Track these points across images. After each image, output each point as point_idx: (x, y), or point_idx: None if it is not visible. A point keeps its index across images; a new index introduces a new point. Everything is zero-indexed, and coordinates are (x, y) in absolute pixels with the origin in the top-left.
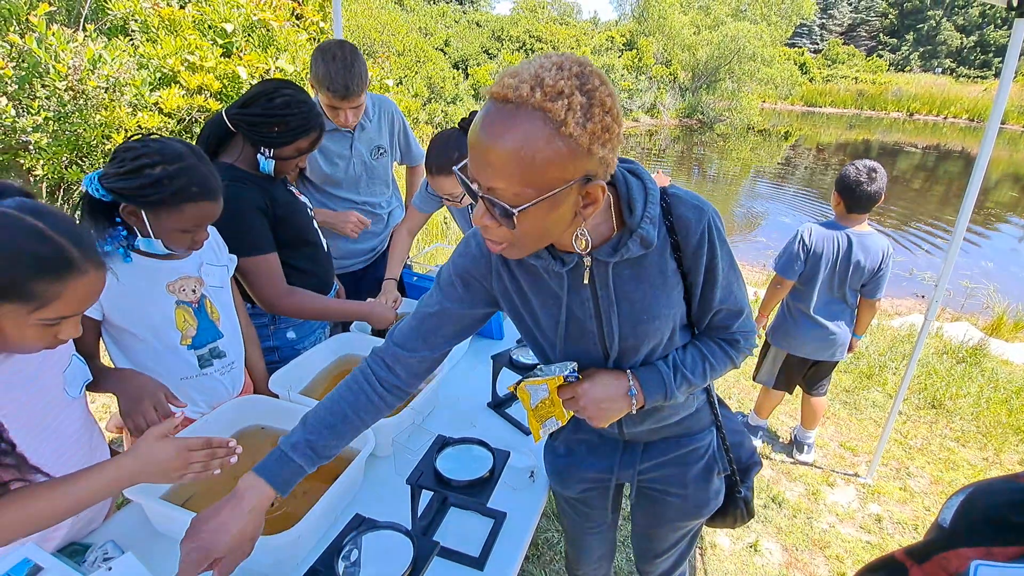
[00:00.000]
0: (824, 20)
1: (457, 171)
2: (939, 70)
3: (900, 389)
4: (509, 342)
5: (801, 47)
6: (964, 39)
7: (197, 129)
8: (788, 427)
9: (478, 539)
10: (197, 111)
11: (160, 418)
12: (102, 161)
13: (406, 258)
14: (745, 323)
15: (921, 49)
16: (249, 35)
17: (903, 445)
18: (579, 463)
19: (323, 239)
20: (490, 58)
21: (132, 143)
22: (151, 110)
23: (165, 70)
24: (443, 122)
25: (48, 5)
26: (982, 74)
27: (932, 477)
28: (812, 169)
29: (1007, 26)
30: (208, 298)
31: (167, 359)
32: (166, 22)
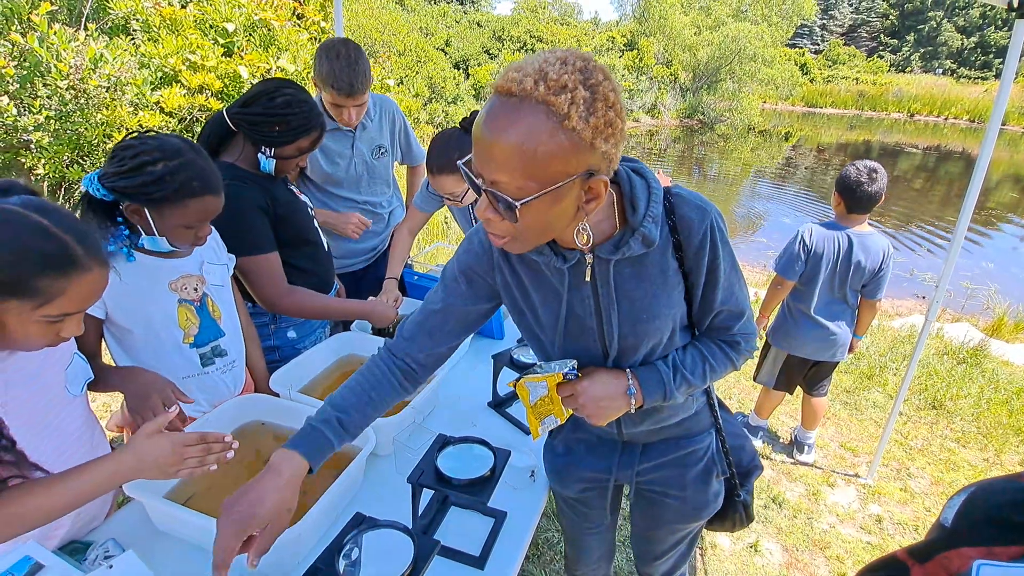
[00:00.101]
0: (825, 21)
1: (461, 165)
2: (940, 71)
3: (901, 390)
4: (509, 342)
5: (802, 48)
6: (965, 40)
7: (198, 128)
8: (788, 428)
9: (478, 538)
10: (198, 110)
11: (175, 414)
12: (103, 160)
13: (407, 257)
14: (746, 325)
15: (922, 50)
16: (250, 35)
17: (904, 446)
18: (578, 463)
19: (323, 238)
20: (491, 58)
21: (130, 141)
22: (152, 109)
23: (166, 69)
24: (444, 122)
25: (50, 4)
26: (983, 75)
27: (933, 478)
28: (813, 170)
29: (1007, 27)
30: (210, 296)
31: (169, 357)
32: (167, 21)
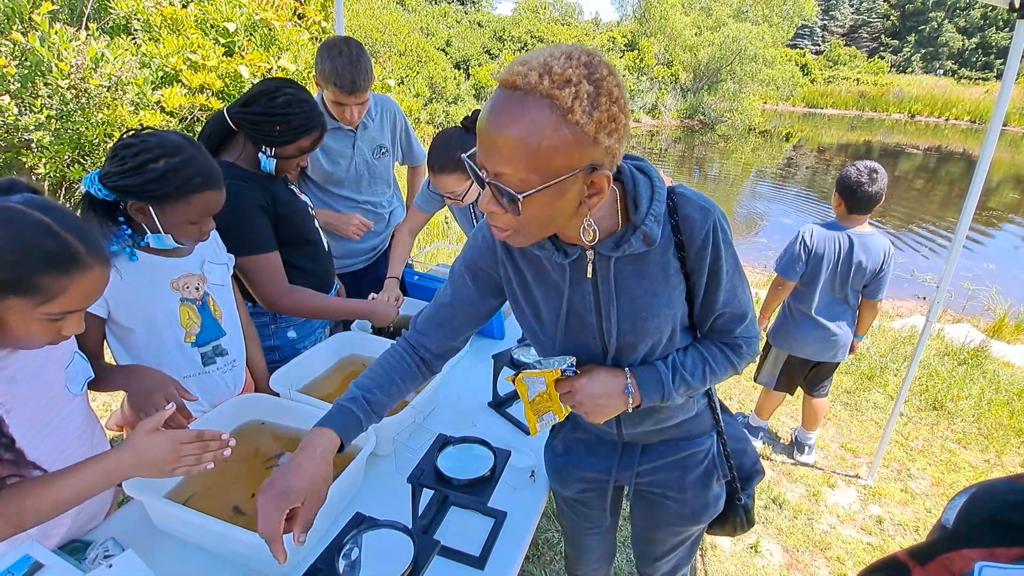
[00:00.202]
0: (826, 21)
1: (465, 158)
2: (941, 72)
3: (901, 390)
4: (510, 342)
5: (803, 48)
6: (966, 41)
7: (199, 128)
8: (789, 428)
9: (478, 538)
10: (199, 110)
11: (173, 411)
12: (104, 160)
13: (408, 257)
14: (748, 328)
15: (923, 51)
16: (251, 34)
17: (904, 447)
18: (577, 463)
19: (324, 238)
20: (491, 58)
21: (129, 140)
22: (153, 109)
23: (167, 69)
24: (444, 122)
25: (51, 4)
26: (984, 76)
27: (933, 479)
28: (813, 170)
29: (1009, 28)
30: (211, 296)
31: (170, 356)
32: (168, 21)
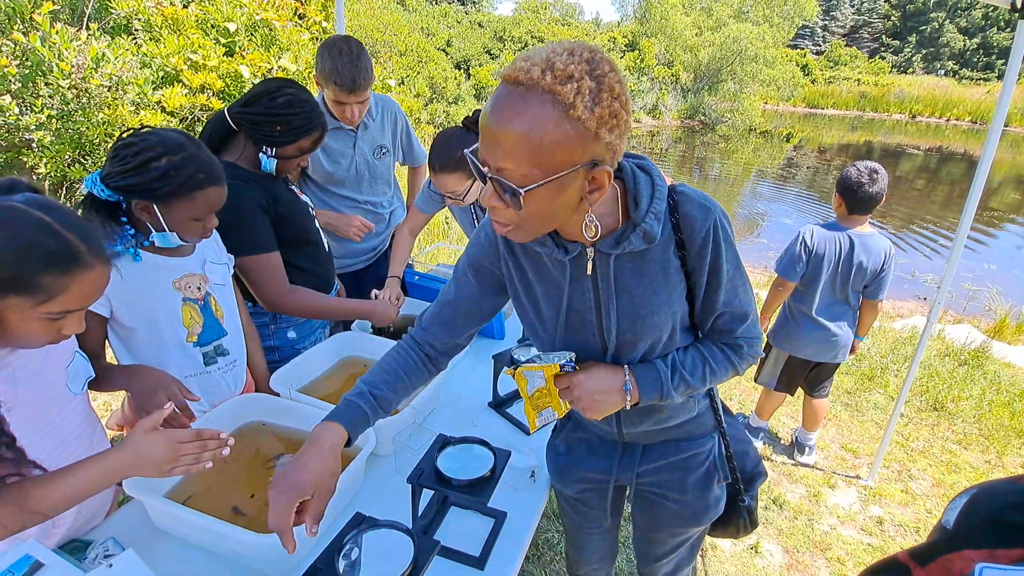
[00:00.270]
0: (826, 22)
1: (468, 153)
2: (942, 72)
3: (902, 391)
4: (510, 342)
5: (803, 48)
6: (967, 41)
7: (200, 128)
8: (789, 429)
9: (479, 538)
10: (200, 110)
11: (176, 410)
12: (104, 160)
13: (408, 257)
14: (750, 329)
15: (924, 51)
16: (252, 34)
17: (905, 447)
18: (578, 462)
19: (324, 239)
20: (492, 58)
21: (129, 139)
22: (154, 109)
23: (168, 69)
24: (445, 122)
25: (52, 4)
26: (985, 76)
27: (934, 479)
28: (814, 171)
29: (1010, 28)
30: (213, 296)
31: (172, 356)
32: (169, 21)
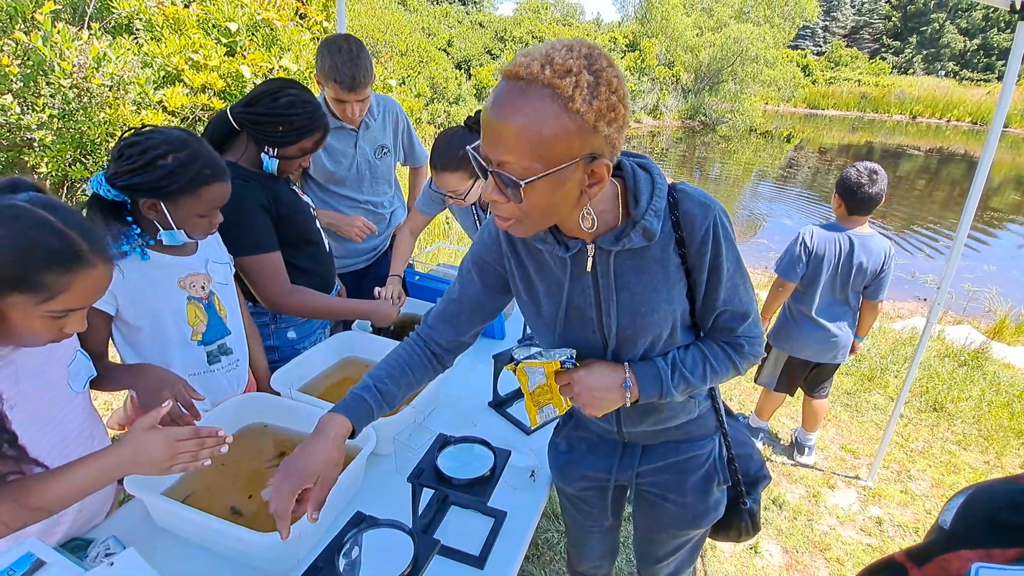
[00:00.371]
0: (827, 22)
1: (470, 150)
2: (942, 73)
3: (901, 392)
4: (510, 342)
5: (804, 49)
6: (967, 42)
7: (201, 127)
8: (789, 429)
9: (478, 538)
10: (201, 109)
11: (182, 408)
12: (106, 159)
13: (409, 256)
14: (751, 328)
15: (924, 52)
16: (253, 34)
17: (904, 448)
18: (579, 461)
19: (325, 239)
20: (493, 59)
21: (133, 139)
22: (155, 108)
23: (169, 68)
24: (446, 122)
25: (53, 3)
26: (985, 77)
27: (933, 480)
28: (814, 171)
29: (1010, 29)
30: (216, 295)
31: (177, 354)
32: (170, 21)
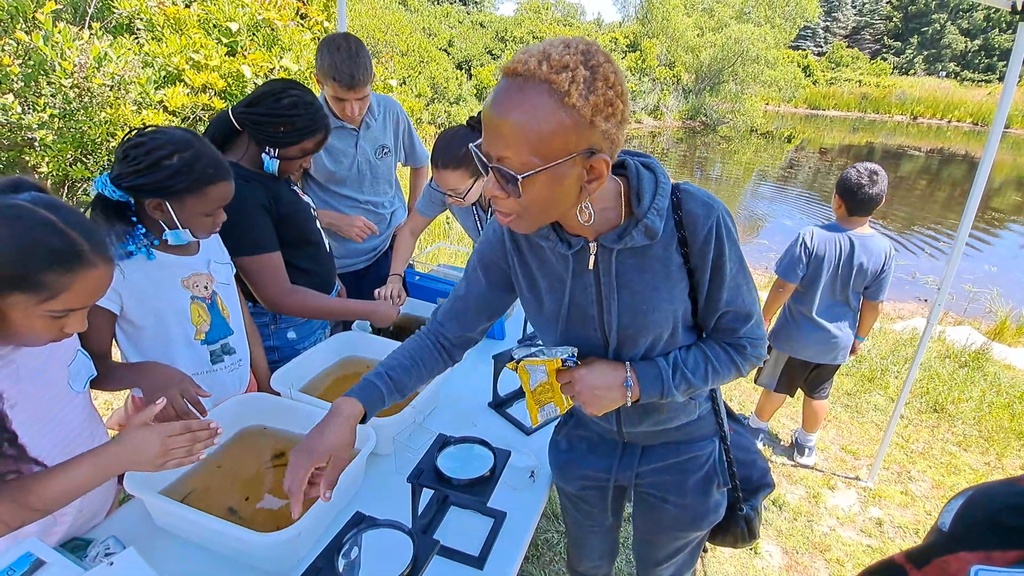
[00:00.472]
0: (828, 23)
1: (472, 147)
2: (943, 73)
3: (902, 393)
4: (510, 342)
5: (805, 50)
6: (969, 43)
7: (202, 127)
8: (789, 430)
9: (478, 538)
10: (202, 109)
11: (188, 404)
12: (107, 159)
13: (410, 256)
14: (753, 330)
15: (925, 52)
16: (254, 34)
17: (904, 449)
18: (579, 460)
19: (325, 239)
20: (493, 59)
21: (137, 139)
22: (156, 108)
23: (170, 68)
24: (446, 122)
25: (54, 3)
26: (986, 78)
27: (934, 481)
28: (815, 172)
29: (1012, 30)
30: (218, 295)
31: (181, 353)
32: (171, 21)
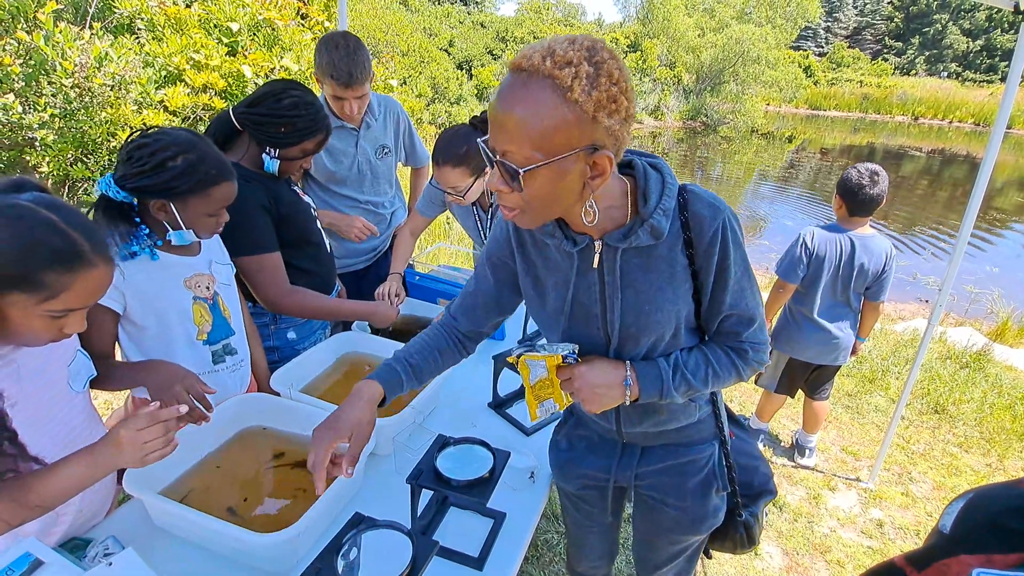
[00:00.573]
0: (829, 23)
1: (480, 142)
2: (945, 74)
3: (903, 394)
4: (510, 342)
5: (806, 50)
6: (970, 43)
7: (202, 127)
8: (790, 431)
9: (478, 539)
10: (202, 109)
11: (195, 401)
12: (107, 159)
13: (409, 256)
14: (756, 334)
15: (927, 53)
16: (254, 34)
17: (905, 450)
18: (579, 460)
19: (326, 239)
20: (494, 59)
21: (141, 140)
22: (156, 108)
23: (171, 68)
24: (447, 122)
25: (55, 3)
26: (988, 78)
27: (934, 482)
28: (816, 172)
29: (1013, 30)
30: (220, 296)
31: (183, 354)
32: (172, 20)
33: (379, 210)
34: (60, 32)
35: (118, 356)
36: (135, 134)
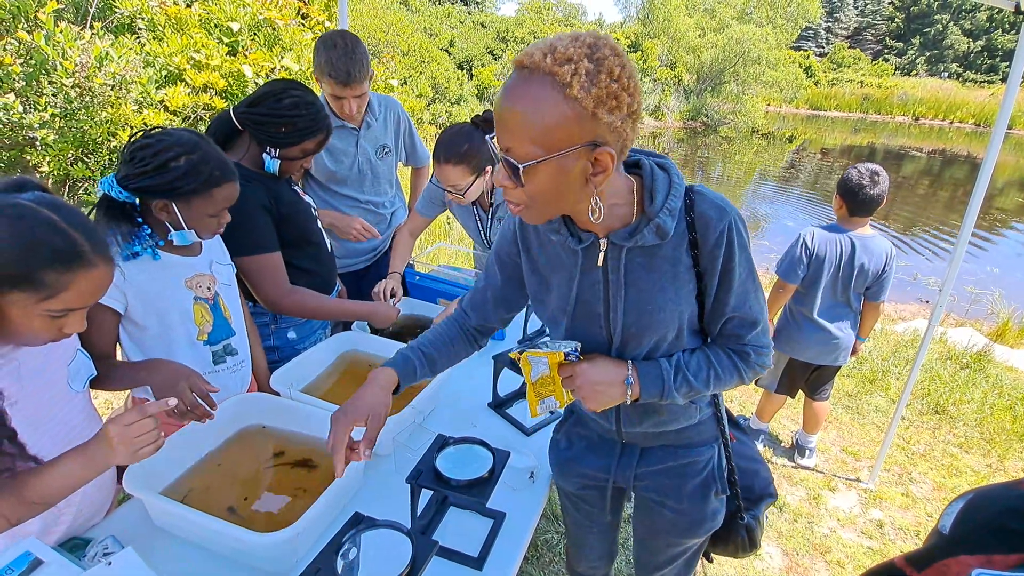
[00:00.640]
0: (830, 23)
1: (489, 140)
2: (945, 74)
3: (903, 394)
4: (510, 342)
5: (806, 50)
6: (971, 43)
7: (202, 127)
8: (790, 431)
9: (477, 539)
10: (203, 109)
11: (198, 399)
12: (108, 158)
13: (409, 256)
14: (759, 337)
15: (928, 53)
16: (255, 34)
17: (906, 451)
18: (578, 459)
19: (326, 239)
20: (495, 59)
21: (144, 140)
22: (157, 108)
23: (171, 68)
24: (447, 122)
25: (56, 3)
26: (989, 79)
27: (935, 483)
28: (816, 173)
29: (1014, 31)
30: (221, 296)
31: (183, 354)
32: (172, 20)
33: (379, 210)
34: (61, 32)
35: (119, 356)
36: (138, 134)
